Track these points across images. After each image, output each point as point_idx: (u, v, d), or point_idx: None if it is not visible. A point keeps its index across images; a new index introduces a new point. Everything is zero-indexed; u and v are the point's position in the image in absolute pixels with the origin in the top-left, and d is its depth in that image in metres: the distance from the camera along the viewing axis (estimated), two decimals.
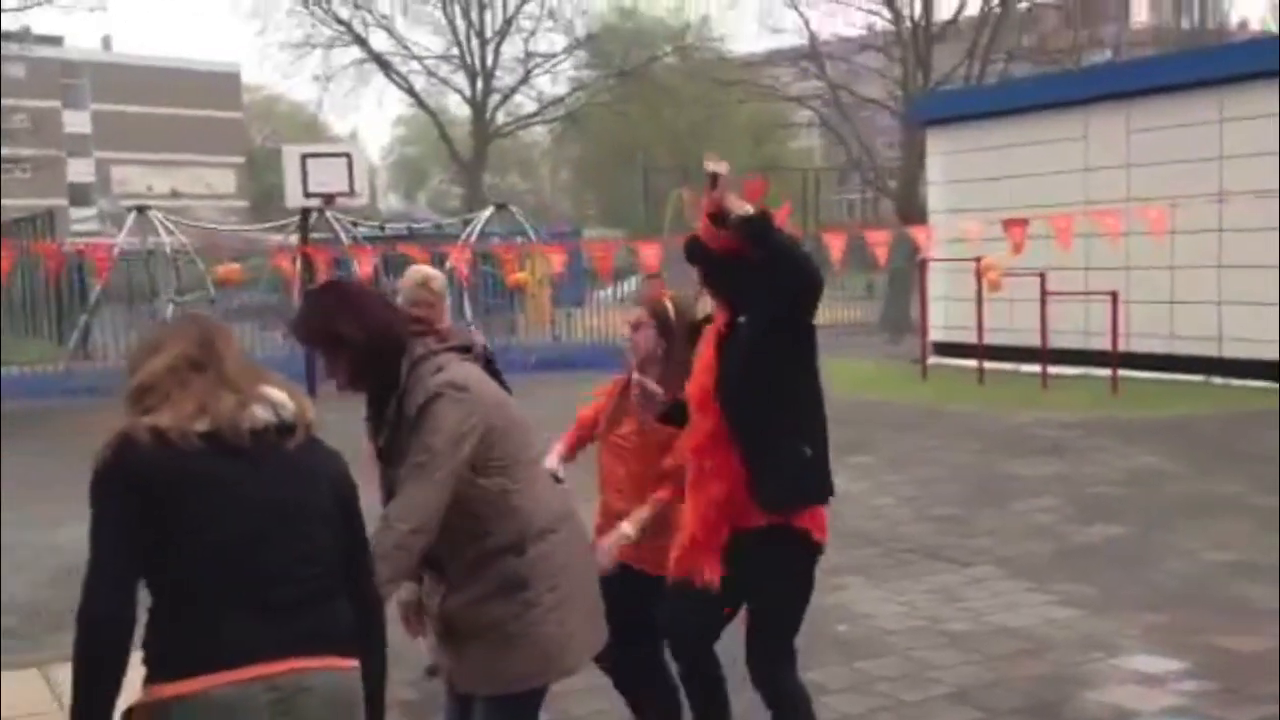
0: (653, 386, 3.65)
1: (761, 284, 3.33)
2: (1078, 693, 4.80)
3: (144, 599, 2.19)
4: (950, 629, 5.67)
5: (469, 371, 2.96)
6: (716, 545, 3.48)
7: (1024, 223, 10.49)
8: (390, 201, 66.60)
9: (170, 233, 18.21)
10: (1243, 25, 52.33)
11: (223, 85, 70.27)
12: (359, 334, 2.84)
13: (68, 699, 2.07)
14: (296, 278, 14.20)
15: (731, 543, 3.48)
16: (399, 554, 2.74)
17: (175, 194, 60.24)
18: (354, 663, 2.24)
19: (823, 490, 3.51)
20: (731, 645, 3.68)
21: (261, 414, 2.24)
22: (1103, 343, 13.89)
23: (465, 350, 3.02)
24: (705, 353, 3.55)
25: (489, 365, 4.65)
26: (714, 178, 3.36)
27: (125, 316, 18.72)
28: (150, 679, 2.11)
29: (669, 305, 3.89)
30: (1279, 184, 13.10)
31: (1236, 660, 5.11)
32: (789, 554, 3.49)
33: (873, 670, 5.11)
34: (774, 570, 3.49)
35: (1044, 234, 13.29)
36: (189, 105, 67.88)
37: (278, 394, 2.29)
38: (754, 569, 3.47)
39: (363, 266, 14.69)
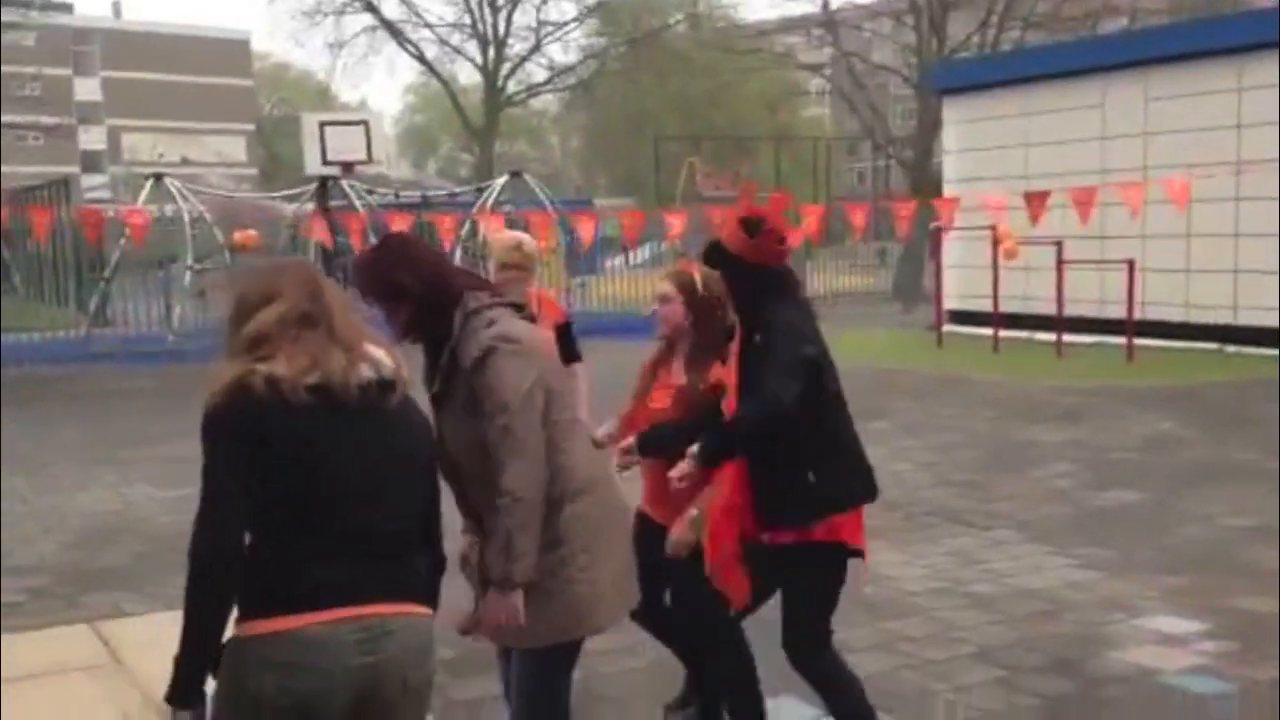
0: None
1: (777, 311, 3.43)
2: (1100, 652, 4.89)
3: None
4: (972, 590, 5.77)
5: (521, 327, 3.02)
6: (734, 557, 3.58)
7: (1045, 195, 10.52)
8: (401, 169, 66.60)
9: (186, 200, 18.27)
10: None
11: (232, 52, 70.08)
12: (416, 285, 2.91)
13: (122, 651, 2.16)
14: (331, 244, 14.29)
15: (753, 554, 3.58)
16: (533, 519, 2.88)
17: (185, 161, 60.18)
18: (429, 611, 2.36)
19: (823, 510, 3.51)
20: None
21: (367, 372, 2.29)
22: (1118, 311, 13.93)
23: (518, 308, 3.08)
24: (731, 364, 3.62)
25: (566, 329, 4.73)
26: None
27: (141, 284, 18.83)
28: (247, 615, 2.20)
29: (698, 280, 3.88)
30: None
31: (1255, 621, 5.20)
32: (806, 568, 3.60)
33: (898, 630, 5.21)
34: (794, 582, 3.62)
35: (1060, 203, 13.33)
36: (199, 73, 67.74)
37: (379, 352, 2.34)
38: (774, 581, 3.62)
39: (354, 236, 14.74)
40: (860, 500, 3.61)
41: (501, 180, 19.94)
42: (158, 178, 18.21)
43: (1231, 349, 13.86)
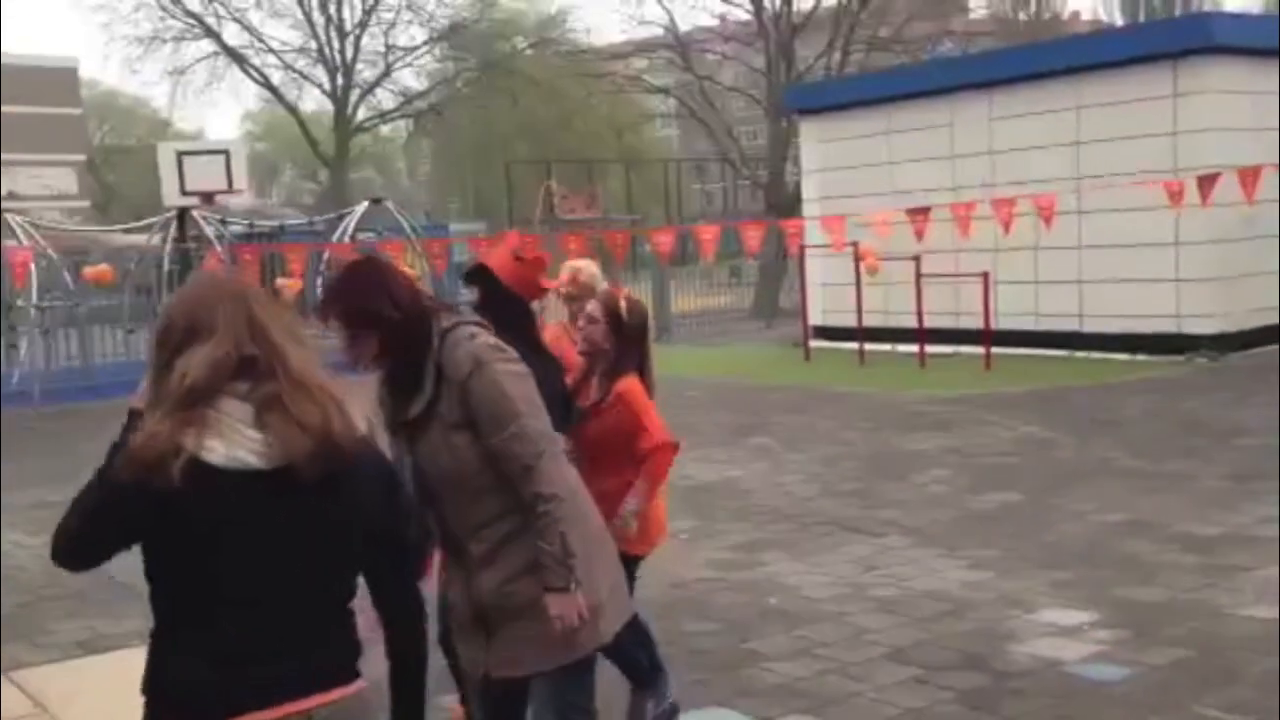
0: None
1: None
2: (1004, 646, 5.12)
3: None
4: (876, 595, 5.96)
5: (497, 340, 3.00)
6: None
7: (926, 211, 10.94)
8: (246, 198, 64.85)
9: (30, 236, 17.51)
10: (1075, 16, 54.73)
11: (59, 80, 67.24)
12: (394, 311, 2.84)
13: (48, 701, 2.12)
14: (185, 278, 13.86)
15: None
16: (578, 515, 2.97)
17: (13, 195, 57.53)
18: (361, 684, 2.15)
19: None
20: None
21: (300, 440, 1.97)
22: (974, 322, 14.51)
23: (483, 325, 3.05)
24: None
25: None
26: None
27: None
28: (160, 715, 2.01)
29: (623, 306, 4.08)
30: (1138, 169, 13.87)
31: (1140, 608, 5.51)
32: None
33: (813, 636, 5.36)
34: None
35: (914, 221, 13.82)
36: (24, 102, 64.83)
37: (317, 408, 2.01)
38: None
39: (248, 266, 14.39)
40: None
41: (361, 207, 19.66)
42: None
43: (1080, 355, 14.57)
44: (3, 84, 62.84)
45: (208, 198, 13.07)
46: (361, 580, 2.17)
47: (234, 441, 1.94)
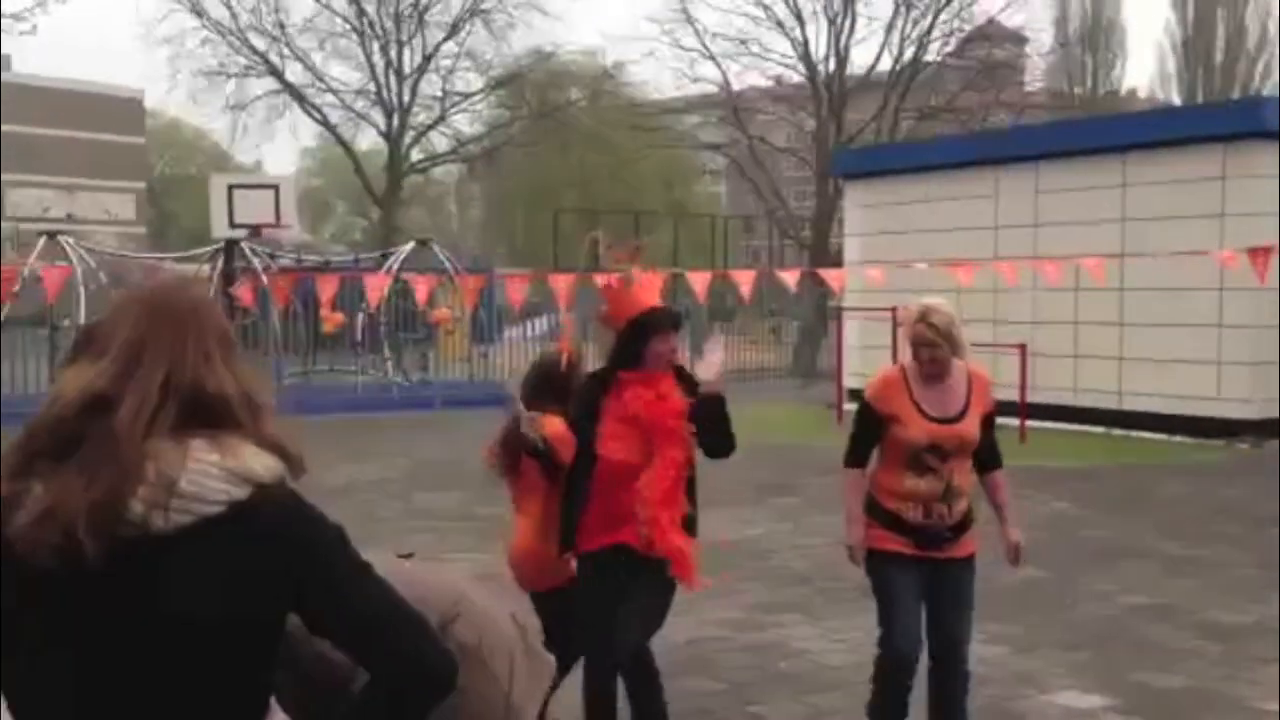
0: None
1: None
2: None
3: None
4: None
5: None
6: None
7: (969, 265, 10.91)
8: (296, 233, 65.78)
9: (81, 259, 17.85)
10: (1132, 93, 54.75)
11: (125, 109, 68.93)
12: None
13: None
14: (254, 305, 14.15)
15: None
16: None
17: (72, 218, 58.77)
18: None
19: None
20: None
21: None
22: (1010, 393, 14.39)
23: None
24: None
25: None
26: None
27: (31, 343, 18.25)
28: None
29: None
30: (1180, 248, 13.76)
31: (1156, 695, 5.41)
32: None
33: (821, 704, 5.29)
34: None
35: (954, 288, 13.76)
36: (89, 128, 66.44)
37: (112, 467, 1.52)
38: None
39: (278, 296, 14.62)
40: None
41: (408, 247, 19.90)
42: (51, 235, 17.78)
43: (1118, 432, 14.41)
44: (67, 109, 64.50)
45: (255, 230, 13.29)
46: None
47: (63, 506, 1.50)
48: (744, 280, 15.23)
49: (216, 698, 1.57)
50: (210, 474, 1.54)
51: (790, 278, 14.79)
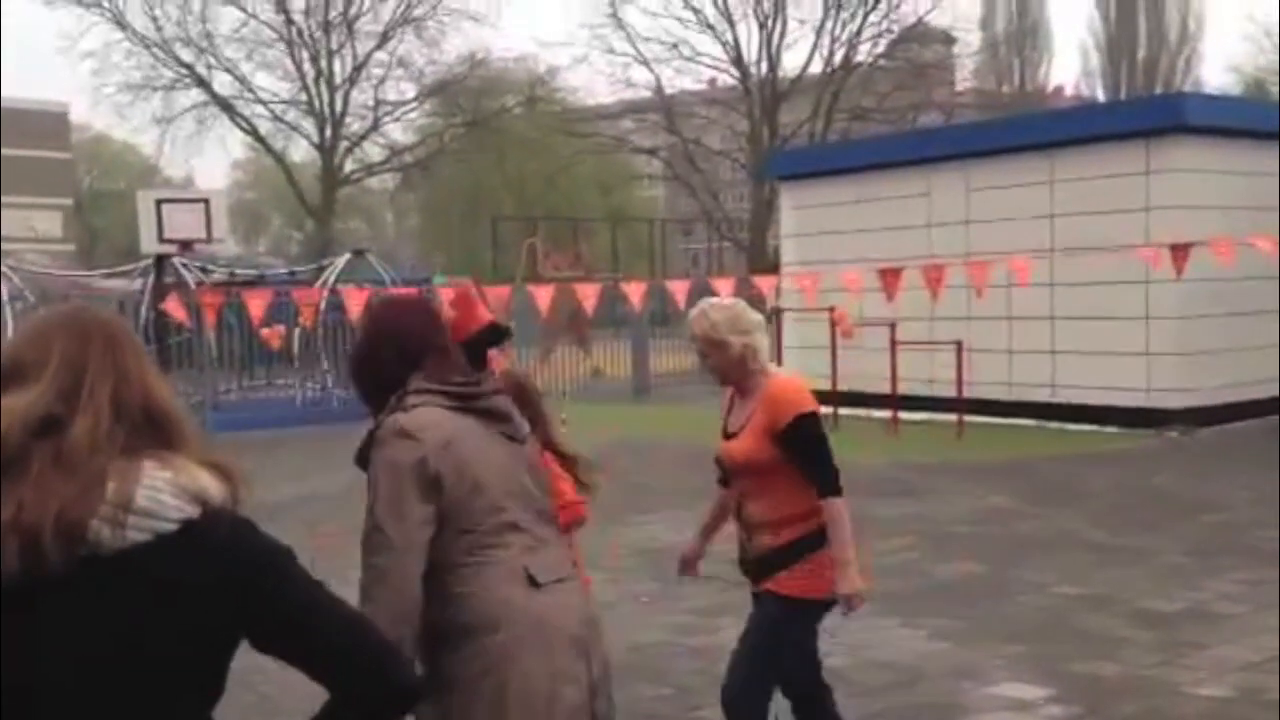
0: None
1: None
2: (955, 719, 5.10)
3: None
4: (829, 664, 5.88)
5: (431, 416, 2.61)
6: None
7: (898, 273, 11.04)
8: (229, 246, 64.94)
9: (8, 279, 17.49)
10: (1058, 90, 55.70)
11: (50, 124, 67.60)
12: (351, 363, 2.87)
13: None
14: (188, 321, 13.91)
15: None
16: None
17: None
18: None
19: None
20: None
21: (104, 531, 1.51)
22: (947, 389, 14.58)
23: (460, 396, 2.68)
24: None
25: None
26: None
27: None
28: None
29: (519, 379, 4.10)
30: (1108, 241, 14.03)
31: (1095, 684, 5.50)
32: None
33: None
34: None
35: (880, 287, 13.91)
36: (13, 144, 65.03)
37: (69, 484, 1.50)
38: None
39: (209, 310, 14.48)
40: None
41: (343, 259, 19.74)
42: None
43: (1052, 425, 14.64)
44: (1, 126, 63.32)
45: (186, 245, 13.10)
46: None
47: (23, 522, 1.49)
48: (679, 290, 15.34)
49: (163, 715, 1.57)
50: (165, 491, 1.54)
51: (726, 289, 14.89)
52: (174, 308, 13.12)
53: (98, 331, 1.63)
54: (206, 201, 13.17)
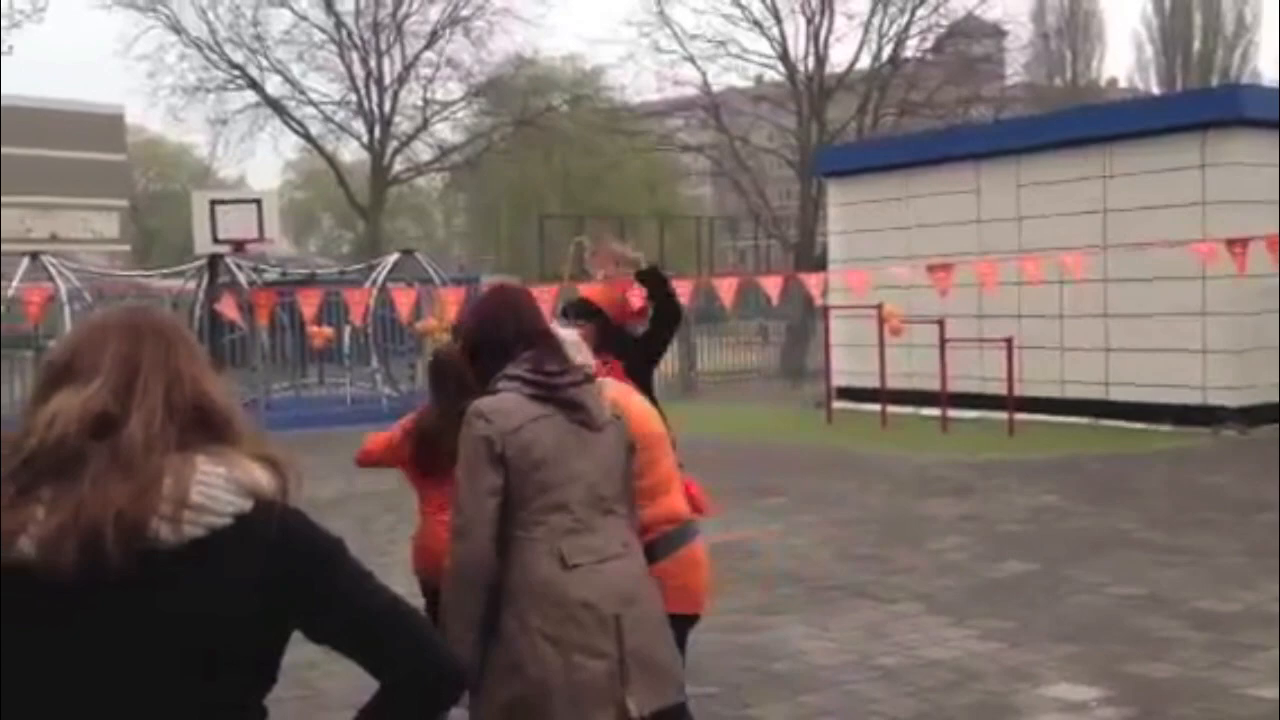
0: None
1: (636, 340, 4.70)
2: None
3: None
4: (881, 663, 5.90)
5: (506, 401, 2.95)
6: None
7: (949, 267, 10.94)
8: (282, 246, 65.61)
9: (65, 278, 17.79)
10: (1112, 83, 54.97)
11: (106, 127, 68.68)
12: (466, 340, 3.19)
13: None
14: (240, 320, 14.13)
15: None
16: (463, 601, 2.87)
17: (55, 238, 58.57)
18: None
19: None
20: None
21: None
22: (998, 387, 14.44)
23: (540, 385, 2.97)
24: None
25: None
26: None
27: (10, 365, 18.19)
28: None
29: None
30: (1163, 237, 13.84)
31: (1149, 686, 5.43)
32: None
33: (813, 704, 5.31)
34: None
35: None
36: (71, 147, 66.18)
37: (127, 484, 1.52)
38: None
39: (260, 312, 14.65)
40: None
41: (393, 258, 19.88)
42: (34, 255, 17.73)
43: (1105, 423, 14.46)
44: (47, 128, 64.32)
45: (238, 246, 13.26)
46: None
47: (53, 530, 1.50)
48: (726, 288, 15.30)
49: (221, 708, 1.59)
50: (218, 486, 1.57)
51: (773, 286, 14.84)
52: (228, 308, 13.28)
53: (151, 330, 1.65)
54: (259, 202, 13.33)
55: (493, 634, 2.87)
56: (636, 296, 4.87)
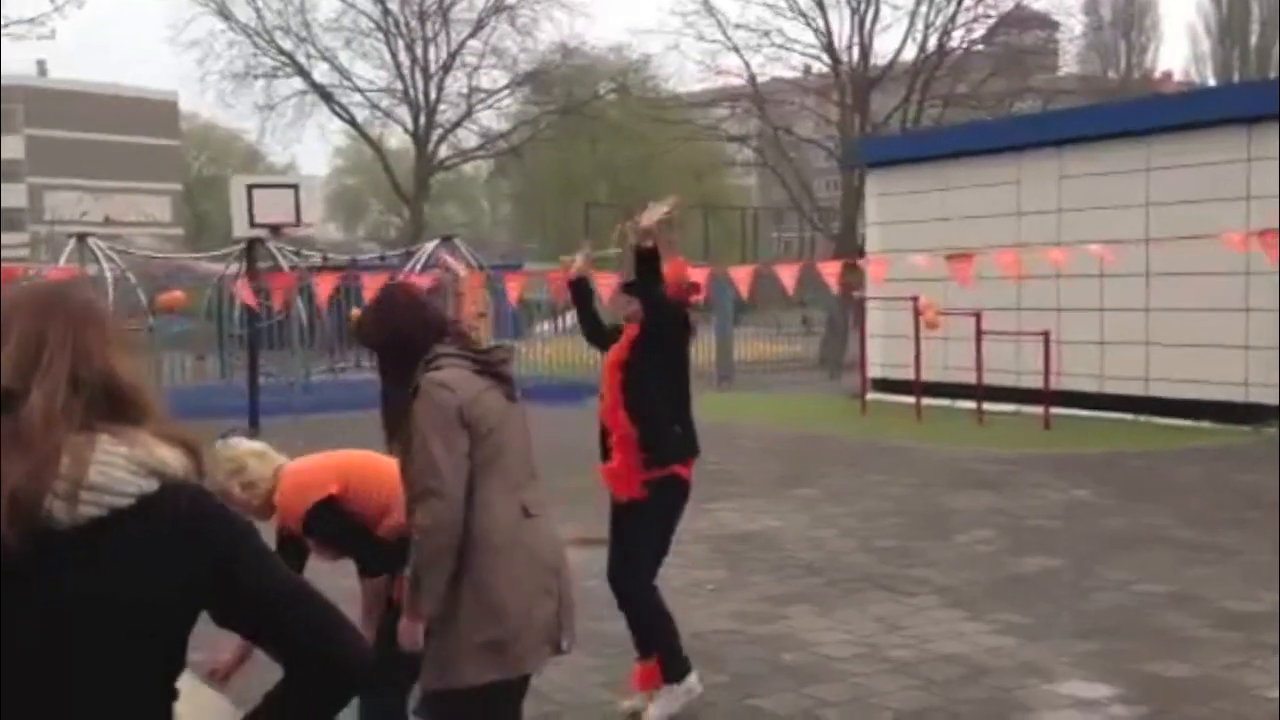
0: None
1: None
2: (1015, 716, 4.99)
3: None
4: (892, 656, 5.85)
5: (459, 374, 3.21)
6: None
7: (969, 258, 10.83)
8: (329, 231, 66.17)
9: (110, 260, 18.02)
10: (1167, 76, 54.06)
11: (160, 112, 69.67)
12: (381, 336, 3.36)
13: None
14: (256, 305, 14.27)
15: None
16: (441, 556, 3.11)
17: (109, 220, 59.46)
18: None
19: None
20: None
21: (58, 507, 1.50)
22: (1035, 381, 14.27)
23: (478, 361, 3.27)
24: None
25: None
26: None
27: None
28: None
29: None
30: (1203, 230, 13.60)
31: (1165, 685, 5.34)
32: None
33: (820, 695, 5.27)
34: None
35: (978, 274, 13.67)
36: (125, 132, 67.22)
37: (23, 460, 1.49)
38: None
39: (322, 291, 14.78)
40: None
41: (432, 244, 19.95)
42: (81, 237, 17.97)
43: (1145, 419, 14.25)
44: (103, 113, 65.22)
45: (275, 230, 13.38)
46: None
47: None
48: (787, 274, 15.25)
49: (125, 690, 1.56)
50: (119, 465, 1.53)
51: (832, 269, 14.76)
52: (244, 292, 13.40)
53: (61, 307, 1.61)
54: (296, 187, 13.43)
55: (461, 581, 3.12)
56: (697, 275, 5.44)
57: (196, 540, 1.57)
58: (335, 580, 4.21)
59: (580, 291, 5.36)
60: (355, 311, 15.58)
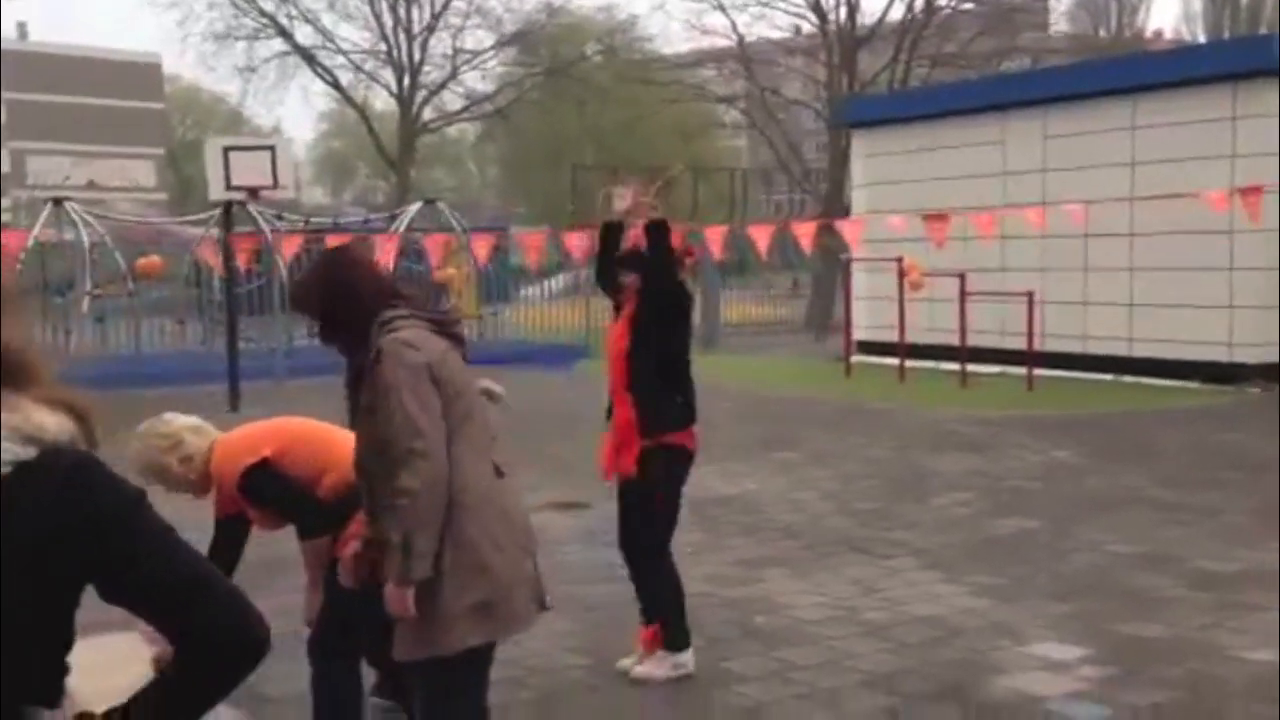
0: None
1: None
2: (986, 678, 4.97)
3: None
4: (867, 618, 5.83)
5: (422, 334, 3.13)
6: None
7: (945, 218, 10.76)
8: (316, 195, 65.78)
9: (87, 225, 17.85)
10: (1158, 34, 53.78)
11: (143, 75, 68.98)
12: (322, 301, 3.26)
13: None
14: (220, 268, 14.14)
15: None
16: (431, 517, 3.01)
17: (93, 184, 59.04)
18: None
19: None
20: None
21: None
22: (1019, 342, 14.24)
23: (435, 322, 3.21)
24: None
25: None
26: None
27: (38, 309, 18.34)
28: None
29: None
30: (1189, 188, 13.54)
31: (1137, 645, 5.33)
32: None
33: (792, 658, 5.24)
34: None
35: (962, 235, 13.63)
36: (108, 95, 66.56)
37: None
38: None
39: (286, 252, 14.62)
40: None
41: (415, 207, 19.81)
42: (58, 202, 17.78)
43: (1129, 380, 14.24)
44: (86, 77, 64.59)
45: (253, 192, 13.20)
46: None
47: None
48: (760, 236, 15.17)
49: (11, 668, 1.48)
50: None
51: (806, 230, 14.67)
52: (208, 254, 13.30)
53: None
54: (272, 149, 13.23)
55: (443, 542, 3.04)
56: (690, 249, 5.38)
57: (76, 508, 1.49)
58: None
59: (613, 236, 5.10)
60: None
